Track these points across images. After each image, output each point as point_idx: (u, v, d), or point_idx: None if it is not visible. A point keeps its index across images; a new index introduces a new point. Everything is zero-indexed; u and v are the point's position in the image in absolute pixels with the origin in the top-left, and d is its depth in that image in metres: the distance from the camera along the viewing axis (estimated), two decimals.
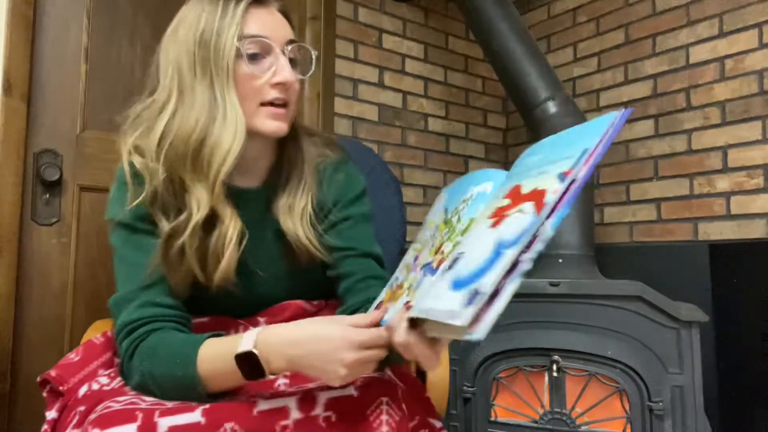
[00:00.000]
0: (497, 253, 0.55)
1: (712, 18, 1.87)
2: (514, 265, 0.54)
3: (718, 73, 1.85)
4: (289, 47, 0.88)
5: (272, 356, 0.70)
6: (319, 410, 0.70)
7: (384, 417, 0.69)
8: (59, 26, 1.53)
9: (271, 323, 0.90)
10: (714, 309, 1.73)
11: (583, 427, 1.48)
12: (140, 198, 0.85)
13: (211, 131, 0.83)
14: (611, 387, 1.46)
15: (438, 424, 0.82)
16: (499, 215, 0.61)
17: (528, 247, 0.55)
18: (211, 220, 0.85)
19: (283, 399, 0.72)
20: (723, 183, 1.82)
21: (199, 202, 0.84)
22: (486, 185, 0.74)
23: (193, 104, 0.84)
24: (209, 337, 0.77)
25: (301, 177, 0.94)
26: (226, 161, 0.83)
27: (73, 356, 0.91)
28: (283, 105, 0.88)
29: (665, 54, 1.99)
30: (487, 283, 0.53)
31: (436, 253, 0.70)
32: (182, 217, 0.84)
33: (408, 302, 0.66)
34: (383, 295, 0.78)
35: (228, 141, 0.83)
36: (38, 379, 0.89)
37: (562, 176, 0.57)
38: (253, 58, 0.86)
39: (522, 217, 0.57)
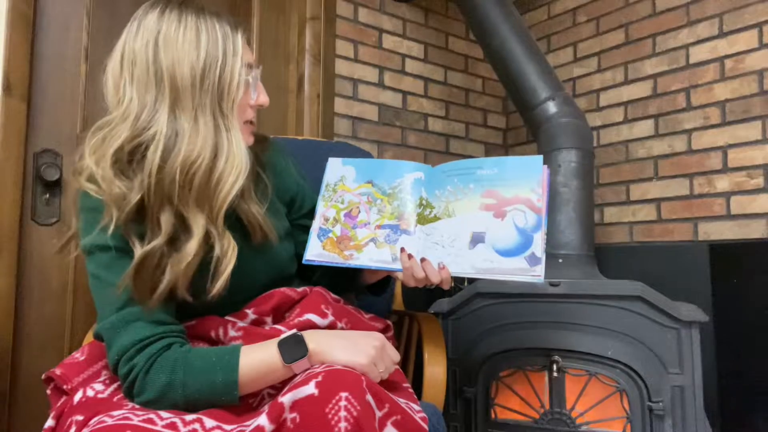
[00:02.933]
0: (527, 235, 0.88)
1: (712, 18, 1.87)
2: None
3: (718, 73, 1.85)
4: (258, 70, 0.93)
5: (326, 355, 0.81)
6: (286, 413, 0.71)
7: (342, 413, 0.69)
8: (59, 26, 1.53)
9: (258, 313, 0.93)
10: (714, 309, 1.73)
11: (583, 427, 1.48)
12: (114, 220, 0.82)
13: (217, 165, 0.85)
14: (611, 387, 1.46)
15: (417, 407, 0.83)
16: (496, 209, 0.91)
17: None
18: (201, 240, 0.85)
19: (255, 419, 0.72)
20: (723, 183, 1.82)
21: (198, 226, 0.83)
22: (417, 173, 0.99)
23: (195, 131, 0.84)
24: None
25: None
26: (231, 193, 0.85)
27: (78, 355, 0.92)
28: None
29: (665, 54, 1.99)
30: (539, 249, 0.87)
31: (396, 218, 0.96)
32: (159, 238, 0.81)
33: (399, 251, 0.94)
34: (317, 243, 0.99)
35: (234, 175, 0.85)
36: (43, 376, 0.90)
37: (536, 191, 0.89)
38: (249, 85, 0.90)
39: (527, 213, 0.89)
